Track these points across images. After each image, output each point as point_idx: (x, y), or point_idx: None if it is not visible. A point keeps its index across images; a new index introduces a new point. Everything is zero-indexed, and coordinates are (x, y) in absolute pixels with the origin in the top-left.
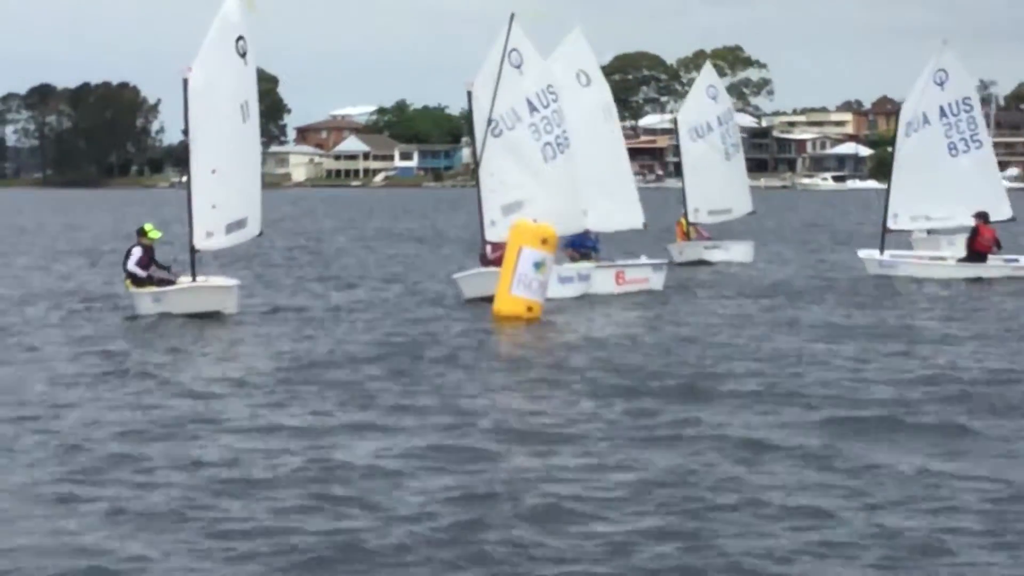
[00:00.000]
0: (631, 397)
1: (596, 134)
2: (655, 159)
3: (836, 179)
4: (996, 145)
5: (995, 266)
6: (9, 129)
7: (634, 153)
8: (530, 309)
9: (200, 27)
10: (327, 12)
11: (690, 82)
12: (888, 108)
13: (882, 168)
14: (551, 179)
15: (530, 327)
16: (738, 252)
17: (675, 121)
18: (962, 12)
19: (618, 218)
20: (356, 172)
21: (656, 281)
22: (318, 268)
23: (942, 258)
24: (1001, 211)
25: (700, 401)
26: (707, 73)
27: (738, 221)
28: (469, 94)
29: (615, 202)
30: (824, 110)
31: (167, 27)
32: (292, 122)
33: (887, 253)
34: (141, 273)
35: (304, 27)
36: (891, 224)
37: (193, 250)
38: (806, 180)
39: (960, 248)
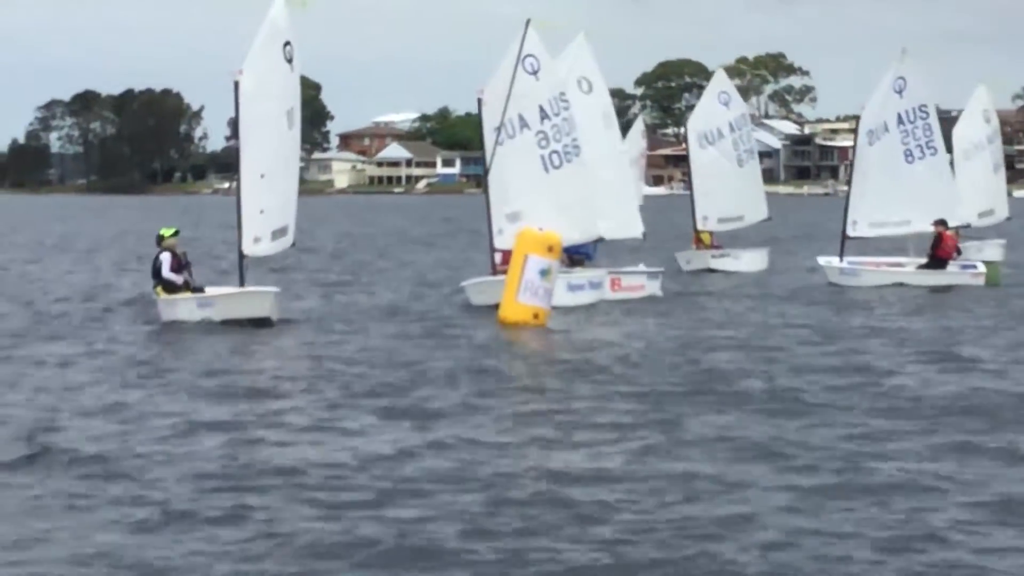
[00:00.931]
0: (638, 401)
1: (596, 141)
2: None
3: None
4: None
5: (954, 273)
6: (53, 136)
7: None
8: (536, 316)
9: (244, 33)
10: (369, 19)
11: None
12: None
13: None
14: (557, 187)
15: (538, 333)
16: (750, 260)
17: (684, 128)
18: (1005, 18)
19: (617, 226)
20: (399, 179)
21: (652, 288)
22: (349, 273)
23: (900, 264)
24: (957, 216)
25: (699, 405)
26: (719, 79)
27: (756, 228)
28: (479, 101)
29: (614, 210)
30: None
31: (210, 33)
32: (335, 129)
33: (846, 260)
34: (177, 279)
35: (346, 34)
36: (850, 231)
37: (242, 255)
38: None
39: (988, 251)
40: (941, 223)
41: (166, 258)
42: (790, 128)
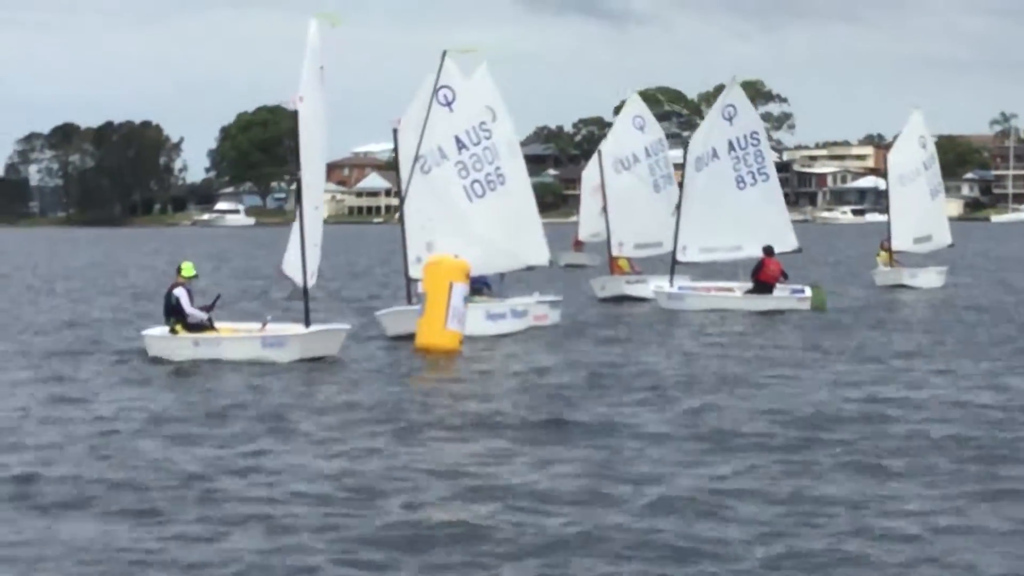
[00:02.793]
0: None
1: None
2: None
3: (855, 212)
4: (1016, 178)
5: (781, 297)
6: (33, 168)
7: None
8: (460, 342)
9: (221, 66)
10: (348, 48)
11: None
12: None
13: None
14: (479, 217)
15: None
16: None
17: (599, 152)
18: (984, 44)
19: (525, 254)
20: (378, 208)
21: (553, 317)
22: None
23: (729, 289)
24: (787, 242)
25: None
26: (633, 103)
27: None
28: (395, 132)
29: (522, 238)
30: (846, 143)
31: (190, 65)
32: None
33: (676, 285)
34: (202, 316)
35: (326, 64)
36: (680, 257)
37: (307, 292)
38: (826, 214)
39: (921, 279)
40: (766, 249)
41: (182, 293)
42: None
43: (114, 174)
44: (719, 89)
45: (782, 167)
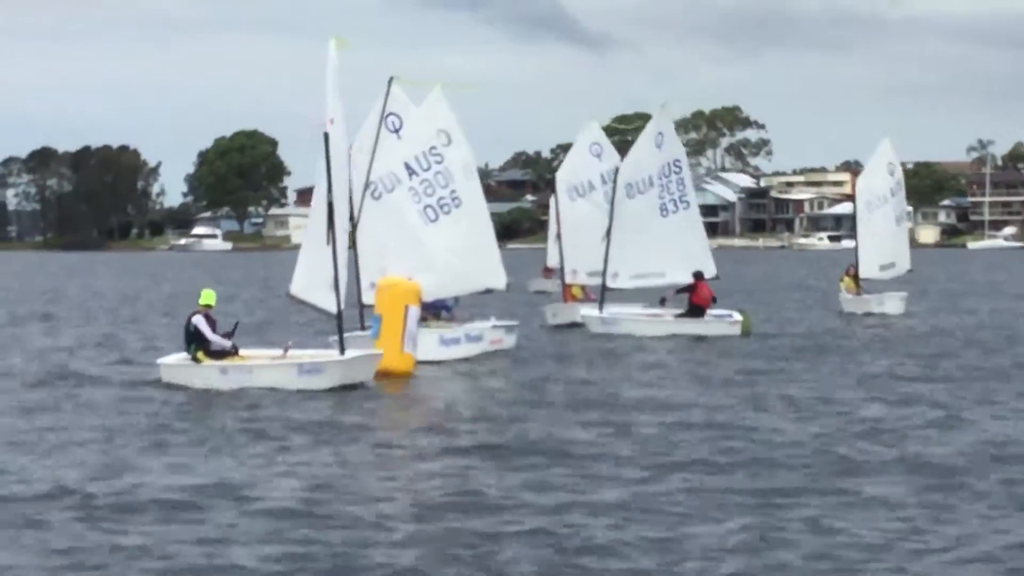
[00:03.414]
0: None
1: (458, 192)
2: None
3: (831, 239)
4: (992, 204)
5: (711, 322)
6: (10, 193)
7: None
8: (413, 365)
9: (199, 90)
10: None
11: (689, 142)
12: None
13: None
14: (434, 241)
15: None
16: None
17: (552, 180)
18: (960, 71)
19: (481, 277)
20: None
21: (508, 342)
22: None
23: (659, 315)
24: (708, 269)
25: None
26: (590, 131)
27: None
28: (348, 156)
29: (479, 261)
30: (823, 170)
31: (167, 89)
32: (292, 184)
33: (606, 311)
34: (225, 343)
35: (301, 89)
36: (610, 283)
37: (340, 316)
38: (802, 240)
39: (888, 306)
40: (697, 274)
41: (200, 321)
42: (746, 181)
43: (92, 198)
44: (696, 115)
45: (759, 193)
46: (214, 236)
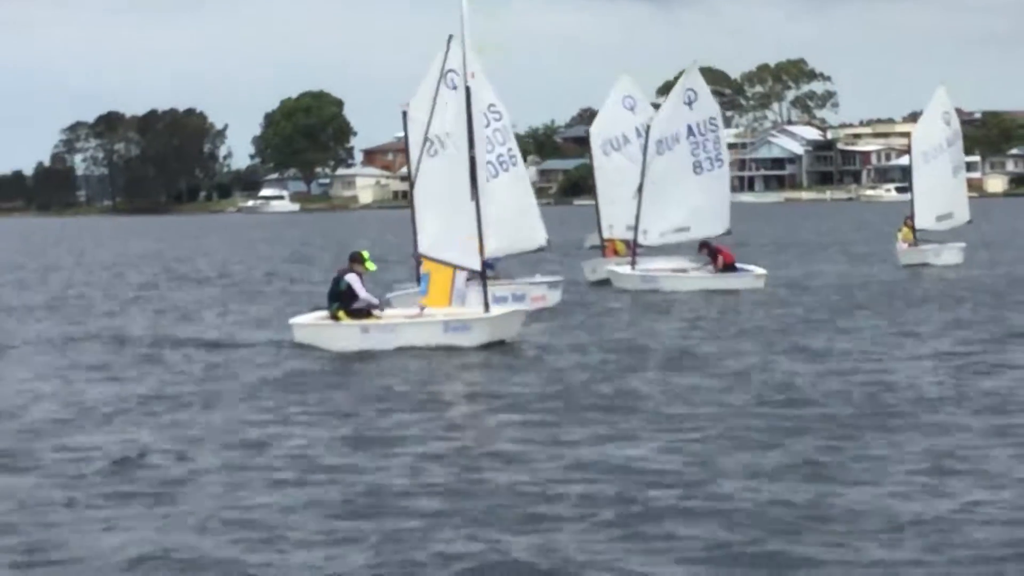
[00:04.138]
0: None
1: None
2: None
3: (899, 190)
4: None
5: (742, 277)
6: (78, 158)
7: None
8: None
9: (264, 52)
10: (388, 33)
11: (755, 96)
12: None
13: None
14: (492, 198)
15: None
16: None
17: (588, 134)
18: None
19: (532, 236)
20: None
21: (552, 298)
22: None
23: (683, 270)
24: (724, 224)
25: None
26: (623, 84)
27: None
28: (404, 114)
29: (529, 220)
30: (891, 121)
31: (232, 53)
32: (359, 144)
33: (639, 268)
34: (374, 301)
35: (367, 49)
36: (642, 240)
37: (485, 273)
38: (870, 192)
39: (945, 256)
40: (704, 243)
41: (354, 278)
42: (812, 134)
43: (159, 162)
44: (761, 68)
45: (826, 145)
46: (281, 197)
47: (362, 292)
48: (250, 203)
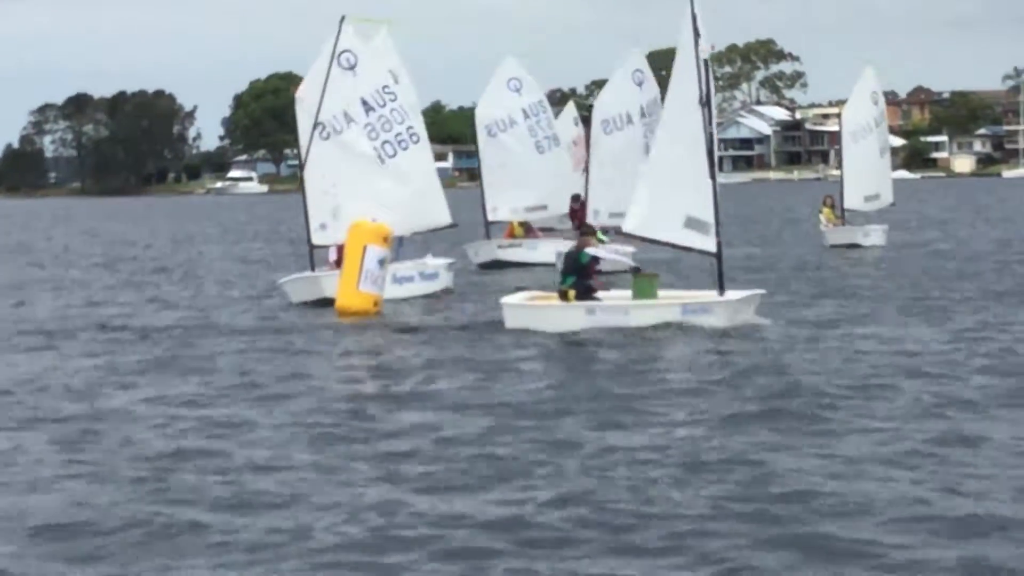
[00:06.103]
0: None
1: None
2: None
3: None
4: None
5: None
6: (47, 139)
7: None
8: (376, 304)
9: (233, 34)
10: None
11: (723, 76)
12: (922, 98)
13: (914, 158)
14: (390, 178)
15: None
16: (545, 251)
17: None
18: (996, 1)
19: (434, 215)
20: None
21: (446, 280)
22: None
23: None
24: None
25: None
26: (508, 66)
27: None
28: (295, 99)
29: (431, 199)
30: None
31: (201, 35)
32: None
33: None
34: (623, 259)
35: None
36: (592, 221)
37: (720, 255)
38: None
39: (873, 237)
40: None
41: (595, 250)
42: (781, 114)
43: (128, 144)
44: (730, 49)
45: (794, 126)
46: (250, 179)
47: (607, 255)
48: (219, 184)
